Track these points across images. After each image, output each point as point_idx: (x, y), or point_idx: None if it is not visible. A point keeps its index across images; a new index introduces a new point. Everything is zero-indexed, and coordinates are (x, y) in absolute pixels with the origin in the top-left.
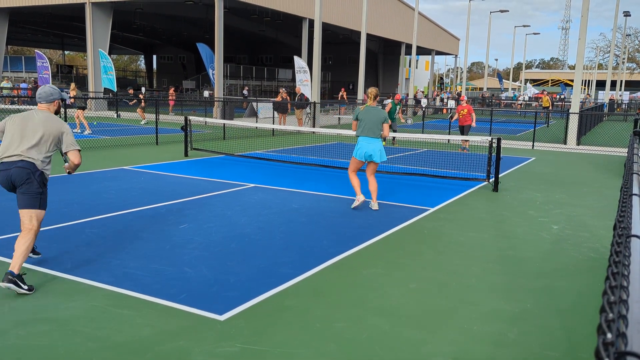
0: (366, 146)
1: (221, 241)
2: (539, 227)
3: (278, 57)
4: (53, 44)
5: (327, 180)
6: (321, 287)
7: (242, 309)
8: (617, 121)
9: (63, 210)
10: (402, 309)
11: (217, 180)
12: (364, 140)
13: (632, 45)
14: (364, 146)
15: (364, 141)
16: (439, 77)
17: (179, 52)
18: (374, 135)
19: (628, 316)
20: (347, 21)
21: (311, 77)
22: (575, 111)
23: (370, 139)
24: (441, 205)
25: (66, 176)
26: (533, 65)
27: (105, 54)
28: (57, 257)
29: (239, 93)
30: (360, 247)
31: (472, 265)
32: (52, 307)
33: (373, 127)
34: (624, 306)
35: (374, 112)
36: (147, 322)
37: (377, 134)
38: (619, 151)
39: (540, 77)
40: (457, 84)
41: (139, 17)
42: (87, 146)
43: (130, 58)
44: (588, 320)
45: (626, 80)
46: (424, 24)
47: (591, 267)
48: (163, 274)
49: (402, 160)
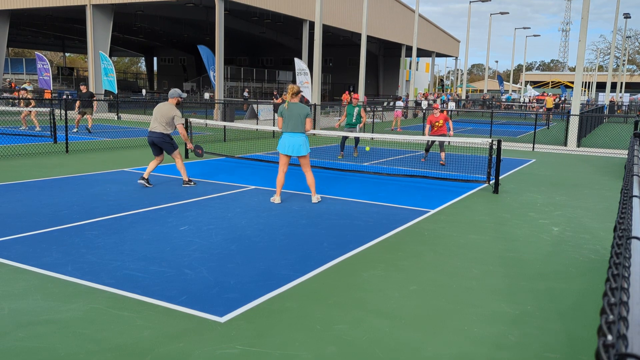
0: (289, 140)
1: (221, 243)
2: (540, 229)
3: (279, 59)
4: (54, 46)
5: (327, 183)
6: (321, 289)
7: (242, 310)
8: (617, 123)
9: (63, 212)
10: (403, 310)
11: (218, 182)
12: (288, 135)
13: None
14: (287, 140)
15: (288, 136)
16: (439, 79)
17: (180, 54)
18: (297, 130)
19: (629, 318)
20: (347, 23)
21: (312, 79)
22: (576, 113)
23: (294, 133)
24: (441, 207)
25: (66, 178)
26: (533, 67)
27: (105, 56)
28: (58, 259)
29: (239, 95)
30: (360, 249)
31: (472, 267)
32: (52, 309)
33: (296, 123)
34: (625, 308)
35: (296, 108)
36: (147, 324)
37: (300, 129)
38: (619, 153)
39: (540, 79)
40: (458, 85)
41: (139, 19)
42: (87, 148)
43: (131, 60)
44: (589, 322)
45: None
46: (424, 26)
47: (592, 269)
48: (163, 275)
49: (402, 162)
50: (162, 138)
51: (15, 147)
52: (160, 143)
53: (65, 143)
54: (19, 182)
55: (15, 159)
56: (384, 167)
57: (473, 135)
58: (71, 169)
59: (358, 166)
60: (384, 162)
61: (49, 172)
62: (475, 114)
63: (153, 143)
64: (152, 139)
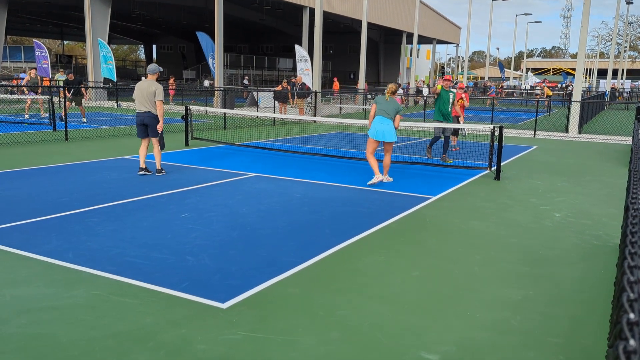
0: (379, 125)
1: (223, 230)
2: (542, 215)
3: (278, 47)
4: (52, 33)
5: (328, 170)
6: (324, 275)
7: (244, 297)
8: (618, 109)
9: (64, 200)
10: (405, 296)
11: (218, 170)
12: (379, 120)
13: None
14: (377, 125)
15: (378, 121)
16: (440, 66)
17: (179, 42)
18: (388, 117)
19: None
20: (348, 10)
21: (312, 67)
22: (577, 99)
23: (384, 119)
24: (443, 193)
25: (66, 166)
26: (534, 54)
27: (104, 44)
28: (59, 246)
29: (239, 83)
30: (362, 235)
31: (474, 253)
32: (54, 295)
33: (388, 111)
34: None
35: (391, 102)
36: (149, 311)
37: (390, 117)
38: (620, 139)
39: (541, 65)
40: (459, 72)
41: (138, 7)
42: (87, 136)
43: (129, 48)
44: (592, 308)
45: (628, 68)
46: (425, 12)
47: (593, 254)
48: (165, 262)
49: (404, 149)
50: (154, 118)
51: (15, 135)
52: (151, 122)
53: (65, 131)
54: (19, 169)
55: (15, 147)
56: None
57: (474, 122)
58: (71, 157)
59: (359, 153)
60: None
61: (48, 160)
62: (476, 101)
63: (143, 123)
64: (142, 118)
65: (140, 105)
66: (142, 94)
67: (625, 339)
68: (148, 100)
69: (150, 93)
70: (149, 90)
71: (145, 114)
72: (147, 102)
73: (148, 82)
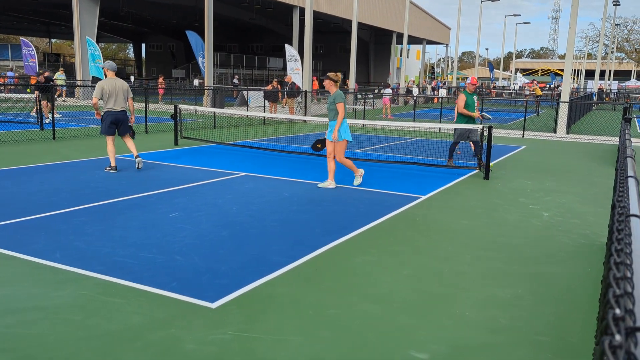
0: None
1: (212, 229)
2: (530, 214)
3: (269, 46)
4: (39, 32)
5: (318, 169)
6: (313, 274)
7: (233, 296)
8: (606, 110)
9: (52, 199)
10: (395, 295)
11: (208, 169)
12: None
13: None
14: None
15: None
16: (430, 66)
17: (169, 41)
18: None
19: (634, 293)
20: (338, 10)
21: (302, 66)
22: (566, 100)
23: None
24: (433, 193)
25: (53, 165)
26: (523, 54)
27: (92, 42)
28: (46, 246)
29: (229, 82)
30: (352, 234)
31: (464, 252)
32: (42, 295)
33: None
34: (629, 284)
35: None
36: (137, 311)
37: (332, 116)
38: (607, 140)
39: (530, 66)
40: (448, 73)
41: (127, 5)
42: (74, 135)
43: (118, 47)
44: (579, 306)
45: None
46: (415, 13)
47: (581, 253)
48: (153, 262)
49: (394, 149)
50: (126, 115)
51: (1, 134)
52: (125, 120)
53: (52, 130)
54: (6, 169)
55: (1, 146)
56: (375, 154)
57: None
58: (58, 156)
59: (348, 153)
60: (375, 149)
61: (36, 158)
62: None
63: (118, 121)
64: (119, 116)
65: (117, 105)
66: (121, 90)
67: (611, 334)
68: (124, 100)
69: (125, 91)
70: (124, 88)
71: (121, 113)
72: (124, 101)
73: (120, 81)
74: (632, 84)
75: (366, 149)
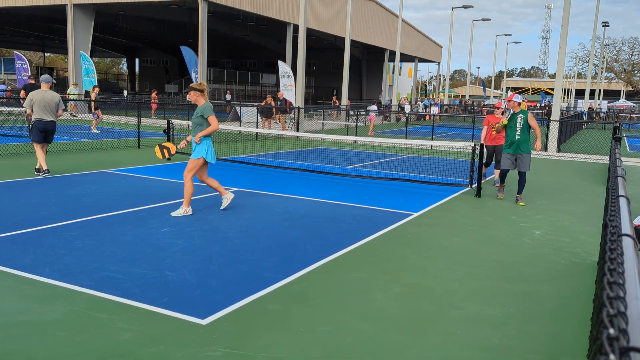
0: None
1: (204, 245)
2: (522, 232)
3: (262, 62)
4: (33, 45)
5: (310, 185)
6: (305, 291)
7: (225, 312)
8: (596, 129)
9: (42, 213)
10: (386, 313)
11: (200, 184)
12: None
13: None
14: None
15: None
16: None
17: (162, 56)
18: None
19: (627, 313)
20: (331, 27)
21: (295, 82)
22: (556, 119)
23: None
24: (425, 210)
25: (44, 179)
26: (514, 73)
27: (86, 56)
28: (35, 260)
29: (222, 97)
30: (344, 251)
31: (455, 270)
32: (30, 311)
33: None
34: (622, 303)
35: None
36: (127, 327)
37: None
38: (598, 158)
39: (521, 85)
40: (440, 90)
41: (121, 20)
42: (66, 149)
43: (112, 61)
44: (571, 325)
45: (605, 89)
46: (408, 31)
47: (573, 272)
48: (144, 277)
49: (386, 166)
50: (55, 127)
51: None
52: (53, 129)
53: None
54: None
55: None
56: (366, 170)
57: (455, 140)
58: (50, 170)
59: (340, 169)
60: (367, 165)
61: (27, 172)
62: (457, 118)
63: (47, 130)
64: (47, 127)
65: (44, 115)
66: (48, 104)
67: (605, 354)
68: (52, 111)
69: (55, 103)
70: (54, 100)
71: (50, 123)
72: (52, 112)
73: (50, 93)
74: (622, 103)
75: (358, 165)
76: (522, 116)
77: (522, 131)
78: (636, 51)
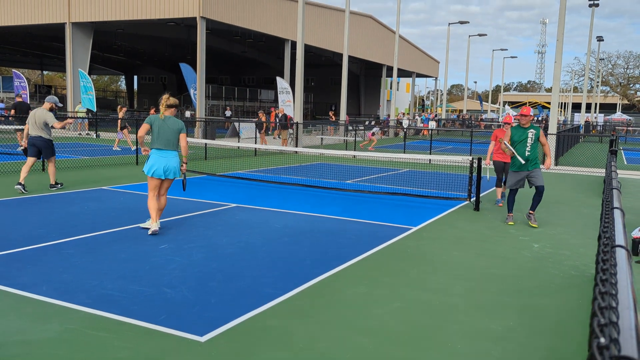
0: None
1: (202, 262)
2: (521, 246)
3: (260, 78)
4: (32, 63)
5: (309, 200)
6: (304, 306)
7: (223, 329)
8: (592, 142)
9: (39, 231)
10: (386, 328)
11: (198, 200)
12: (156, 153)
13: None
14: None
15: (157, 154)
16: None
17: (160, 73)
18: (169, 148)
19: (619, 323)
20: (329, 43)
21: (294, 98)
22: (553, 132)
23: (164, 151)
24: (424, 224)
25: (42, 197)
26: (511, 87)
27: (85, 74)
28: (33, 279)
29: (221, 114)
30: (343, 266)
31: (455, 284)
32: (27, 329)
33: (169, 137)
34: (614, 313)
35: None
36: (124, 345)
37: (172, 145)
38: (595, 171)
39: (518, 99)
40: (438, 105)
41: (119, 38)
42: (64, 166)
43: (110, 78)
44: (571, 338)
45: (600, 103)
46: (405, 47)
47: (572, 285)
48: (142, 295)
49: (385, 180)
50: (45, 142)
51: None
52: (43, 146)
53: (42, 161)
54: None
55: None
56: (365, 185)
57: (453, 154)
58: (48, 187)
59: (340, 184)
60: (366, 180)
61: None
62: (455, 133)
63: (34, 145)
64: (34, 141)
65: (33, 131)
66: (35, 121)
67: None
68: (39, 127)
69: (42, 121)
70: (42, 118)
71: (37, 138)
72: (39, 128)
73: (41, 111)
74: (618, 116)
75: (357, 179)
76: (533, 131)
77: (532, 148)
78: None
